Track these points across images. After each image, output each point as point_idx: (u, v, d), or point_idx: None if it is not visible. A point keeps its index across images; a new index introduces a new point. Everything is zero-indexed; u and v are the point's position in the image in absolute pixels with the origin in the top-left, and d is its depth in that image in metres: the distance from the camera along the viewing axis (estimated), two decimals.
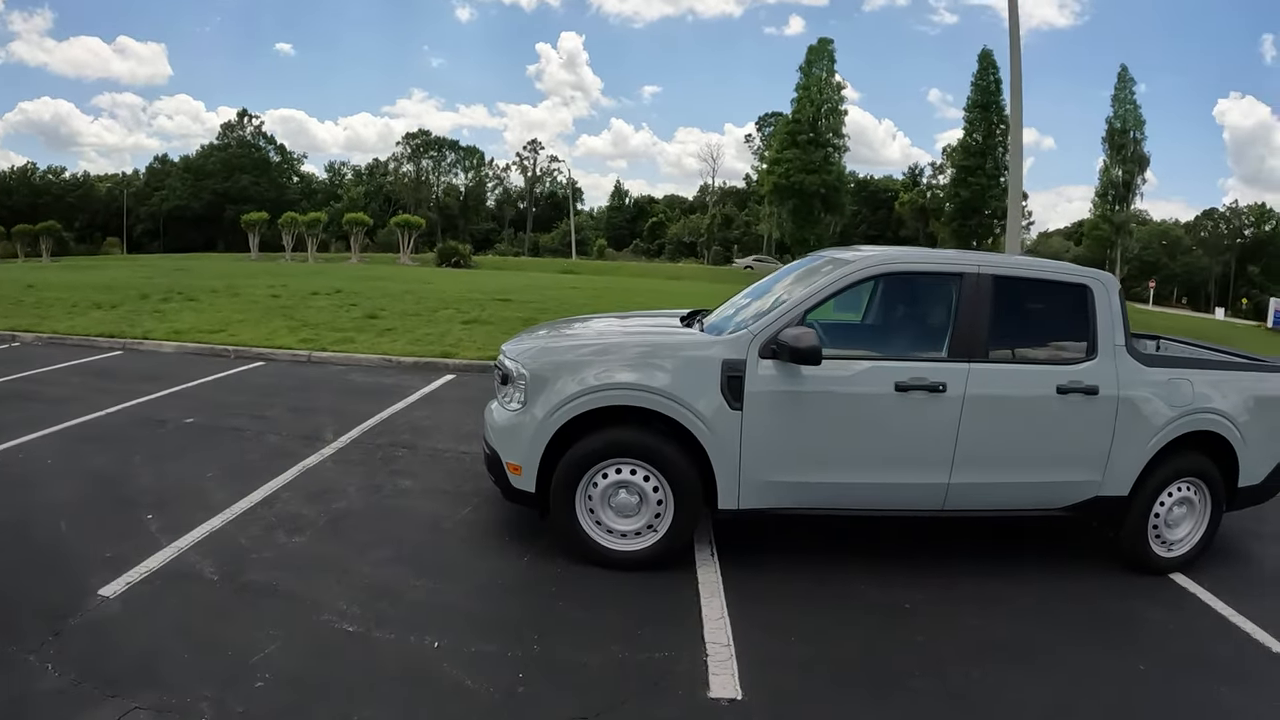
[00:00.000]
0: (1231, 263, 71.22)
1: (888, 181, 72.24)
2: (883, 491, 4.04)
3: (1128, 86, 45.50)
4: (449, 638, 3.09)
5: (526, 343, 4.32)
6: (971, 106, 44.90)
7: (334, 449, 5.54)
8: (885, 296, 4.66)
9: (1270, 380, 4.52)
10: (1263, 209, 74.52)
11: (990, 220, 44.51)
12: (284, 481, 4.78)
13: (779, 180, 42.71)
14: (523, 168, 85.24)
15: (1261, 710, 3.16)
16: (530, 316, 12.81)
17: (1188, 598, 4.12)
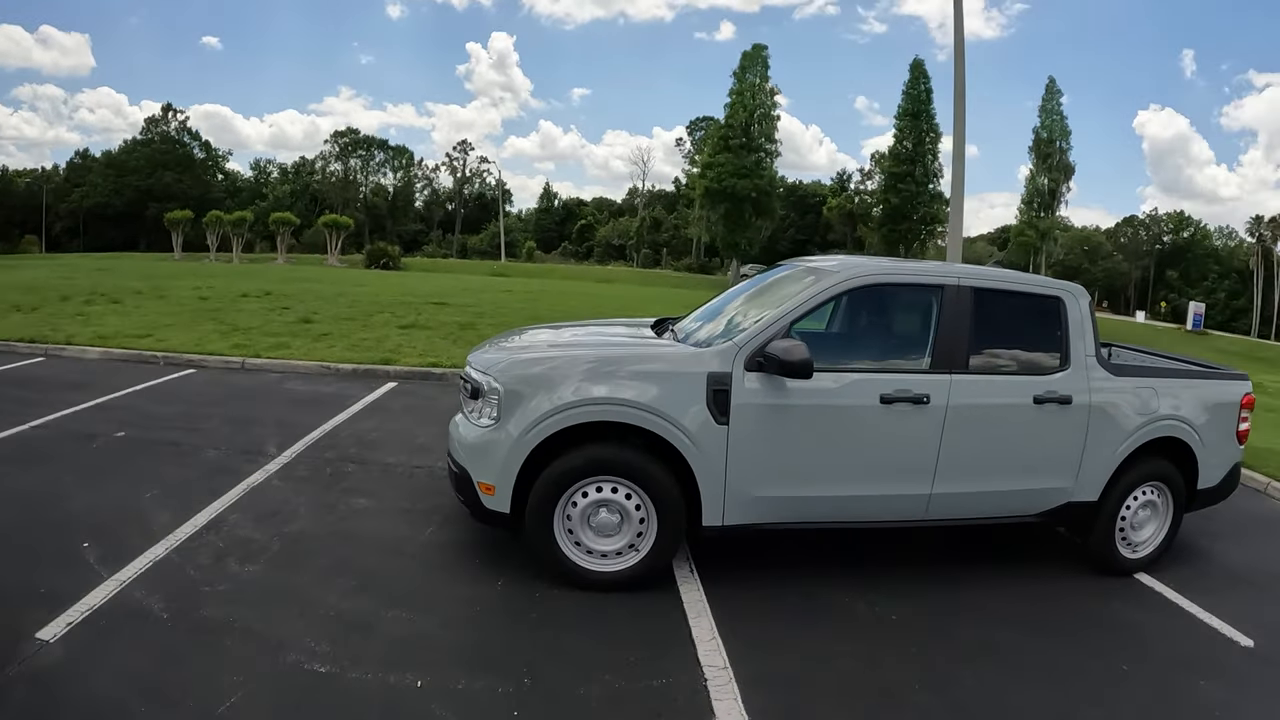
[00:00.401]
0: (1151, 267, 76.34)
1: (816, 186, 74.54)
2: (867, 503, 4.07)
3: (1055, 98, 47.77)
4: (432, 675, 2.91)
5: (496, 354, 4.14)
6: (902, 115, 46.06)
7: (279, 465, 5.22)
8: (866, 308, 4.66)
9: (1225, 387, 4.78)
10: (1181, 216, 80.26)
11: (919, 226, 45.88)
12: (229, 502, 4.47)
13: (711, 184, 43.03)
14: (452, 168, 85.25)
15: (1243, 703, 3.36)
16: (468, 321, 12.58)
17: (1157, 597, 4.33)
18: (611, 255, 76.15)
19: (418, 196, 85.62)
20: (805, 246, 67.96)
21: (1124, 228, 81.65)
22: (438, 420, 6.72)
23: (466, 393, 4.06)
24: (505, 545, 4.11)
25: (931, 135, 45.34)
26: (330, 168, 79.23)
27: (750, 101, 42.57)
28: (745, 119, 42.41)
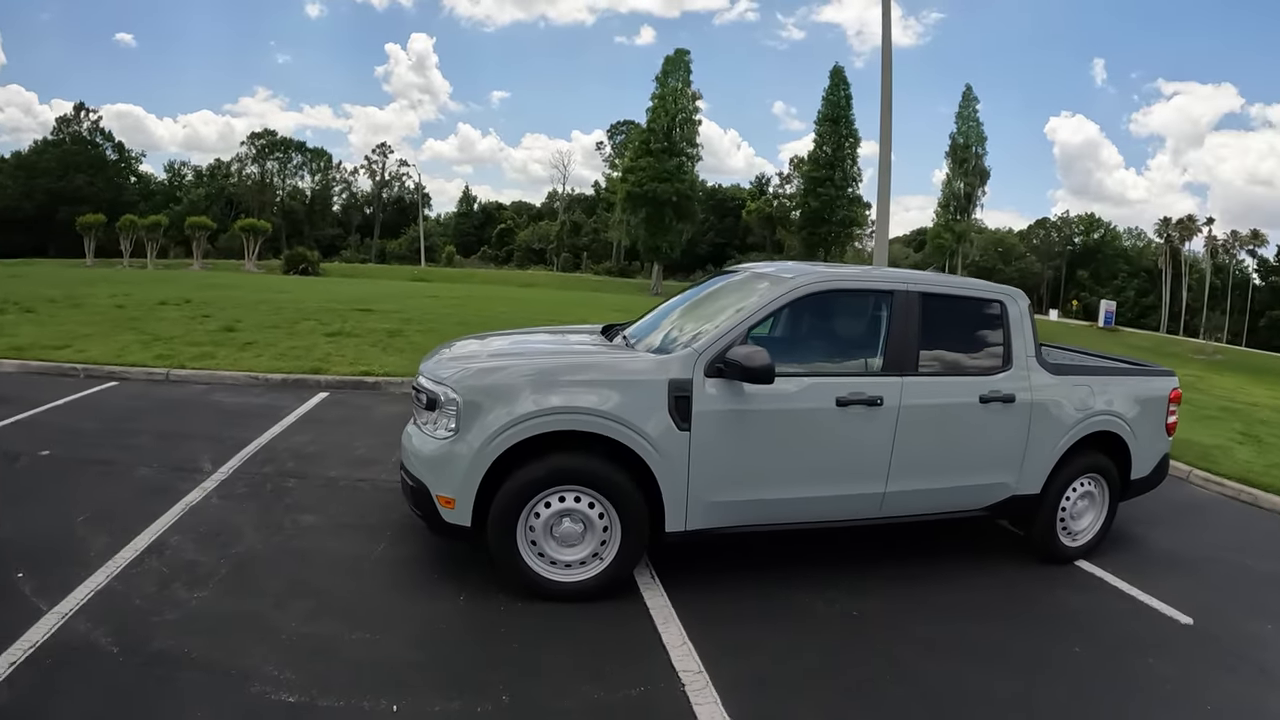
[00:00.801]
0: (1062, 267, 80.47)
1: (735, 190, 75.94)
2: (824, 504, 4.21)
3: (971, 105, 50.37)
4: (407, 698, 2.87)
5: (452, 364, 4.08)
6: (822, 120, 47.42)
7: (216, 482, 5.02)
8: (819, 313, 4.75)
9: (1153, 383, 5.14)
10: (1092, 218, 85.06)
11: (839, 229, 47.41)
12: (168, 523, 4.28)
13: (632, 188, 43.36)
14: (371, 171, 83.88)
15: (1189, 676, 3.68)
16: (395, 328, 12.37)
17: (1099, 582, 4.66)
18: (531, 259, 76.20)
19: (336, 200, 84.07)
20: (724, 250, 69.48)
21: (1036, 229, 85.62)
22: (375, 431, 6.61)
23: (420, 404, 4.00)
24: (462, 558, 4.08)
25: (851, 140, 46.91)
26: (247, 170, 76.97)
27: (672, 106, 43.06)
28: (667, 123, 42.89)
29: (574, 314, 17.27)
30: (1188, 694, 3.51)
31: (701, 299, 4.90)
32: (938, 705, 3.20)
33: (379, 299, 17.92)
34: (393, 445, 6.01)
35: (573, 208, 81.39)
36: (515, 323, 14.00)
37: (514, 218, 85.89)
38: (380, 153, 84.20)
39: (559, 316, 16.42)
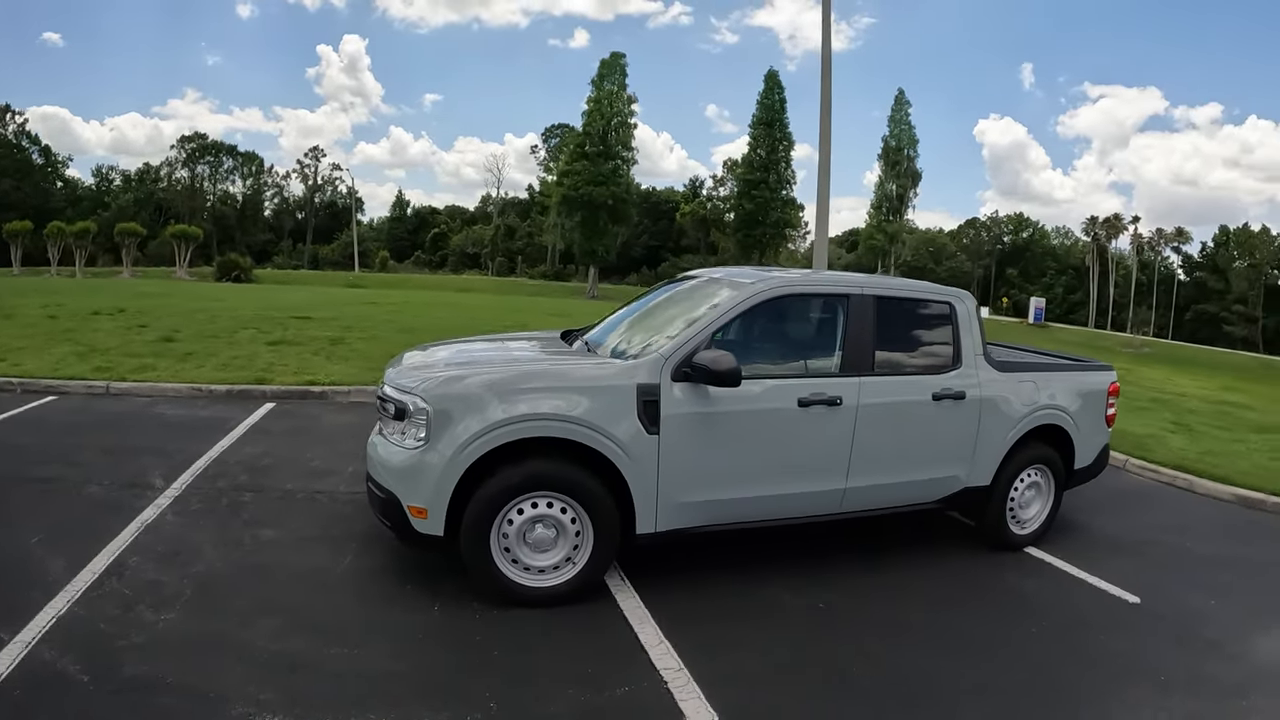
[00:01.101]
0: (992, 266, 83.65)
1: (669, 193, 76.54)
2: (789, 501, 4.37)
3: (903, 109, 52.08)
4: (394, 712, 2.89)
5: (420, 373, 4.08)
6: (756, 124, 48.08)
7: (170, 498, 4.89)
8: (780, 317, 4.84)
9: (1093, 377, 5.47)
10: (1021, 218, 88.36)
11: (773, 231, 48.20)
12: (125, 543, 4.15)
13: (568, 192, 43.36)
14: (304, 175, 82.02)
15: (1141, 650, 3.99)
16: (337, 336, 12.16)
17: (1048, 567, 4.96)
18: (466, 264, 75.62)
19: (267, 205, 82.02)
20: (659, 253, 70.41)
21: (966, 229, 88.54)
22: (327, 441, 6.52)
23: (388, 414, 3.99)
24: (430, 568, 4.09)
25: (785, 143, 47.67)
26: (176, 175, 74.80)
27: (608, 109, 43.17)
28: (603, 126, 42.97)
29: (514, 319, 17.19)
30: (1141, 668, 3.80)
31: (659, 305, 5.00)
32: (910, 691, 3.38)
33: (316, 306, 17.53)
34: (346, 456, 5.99)
35: (507, 211, 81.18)
36: (457, 328, 13.89)
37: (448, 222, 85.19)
38: (313, 156, 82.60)
39: (499, 322, 16.34)
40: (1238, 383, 20.14)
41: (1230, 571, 5.18)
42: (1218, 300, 72.17)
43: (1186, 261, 79.29)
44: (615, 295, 43.94)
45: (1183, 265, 79.59)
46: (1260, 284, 70.16)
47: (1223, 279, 72.85)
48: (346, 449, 6.21)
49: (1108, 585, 4.66)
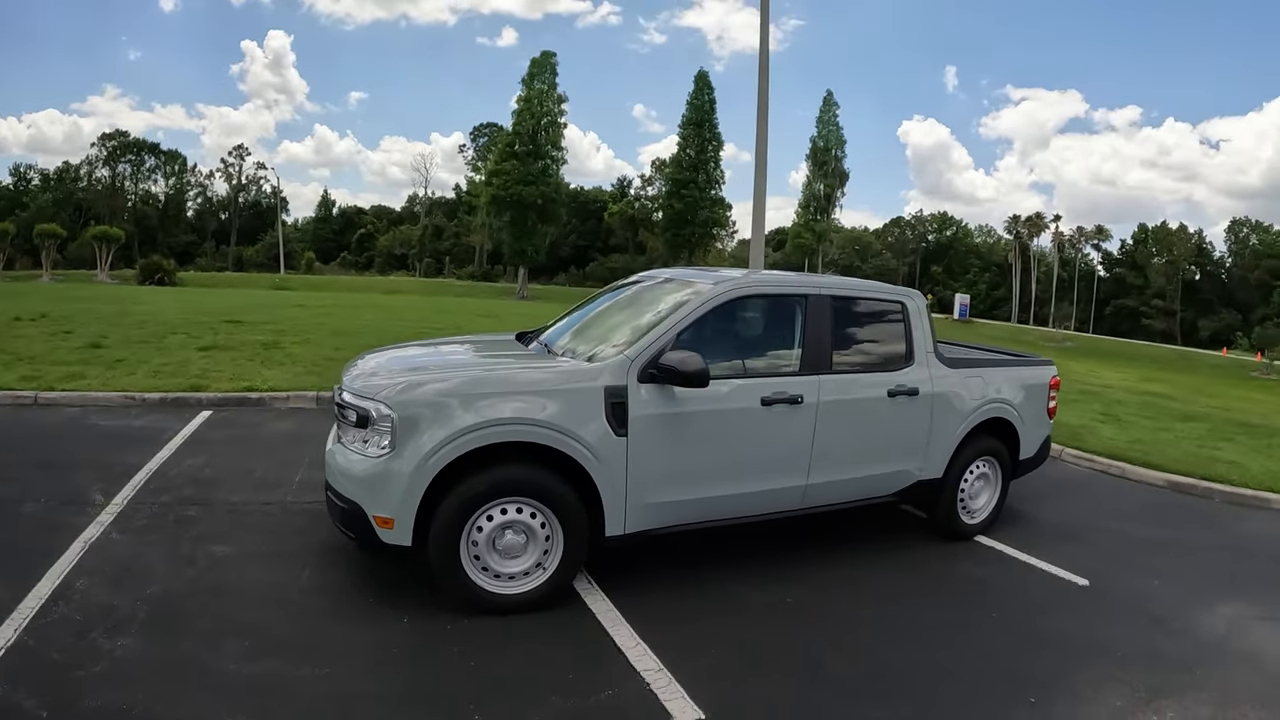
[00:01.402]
0: (917, 264, 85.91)
1: (597, 193, 76.72)
2: (753, 499, 4.46)
3: (831, 110, 53.57)
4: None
5: (382, 379, 4.00)
6: (686, 124, 48.49)
7: (112, 514, 4.65)
8: (741, 317, 4.88)
9: (1035, 371, 5.75)
10: (945, 216, 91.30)
11: (701, 230, 48.65)
12: (70, 564, 3.93)
13: (497, 191, 42.78)
14: (228, 175, 79.03)
15: (1093, 629, 4.26)
16: (270, 340, 11.77)
17: (999, 555, 5.22)
18: (393, 265, 74.43)
19: (190, 205, 78.88)
20: (587, 252, 70.47)
21: (891, 228, 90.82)
22: (269, 450, 6.32)
23: (348, 421, 3.90)
24: (393, 579, 4.04)
25: (714, 143, 48.16)
26: (97, 174, 71.12)
27: (538, 109, 42.85)
28: (532, 126, 42.64)
29: (445, 321, 16.96)
30: (1097, 646, 4.05)
31: (615, 306, 5.01)
32: (883, 680, 3.53)
33: (245, 310, 16.91)
34: (291, 465, 5.84)
35: (434, 211, 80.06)
36: (389, 331, 13.67)
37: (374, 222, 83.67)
38: (237, 155, 79.65)
39: (430, 324, 16.09)
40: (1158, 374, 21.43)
41: (1168, 554, 5.55)
42: (1137, 295, 74.97)
43: (1106, 258, 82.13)
44: (545, 296, 43.73)
45: (1103, 262, 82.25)
46: (1178, 279, 73.38)
47: (1141, 275, 75.83)
48: (290, 457, 6.05)
49: (1057, 570, 4.94)
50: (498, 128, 68.48)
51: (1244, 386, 24.05)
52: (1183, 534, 6.09)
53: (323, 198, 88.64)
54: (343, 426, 4.00)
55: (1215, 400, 15.41)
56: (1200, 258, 76.24)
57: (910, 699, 3.41)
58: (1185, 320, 72.25)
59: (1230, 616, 4.53)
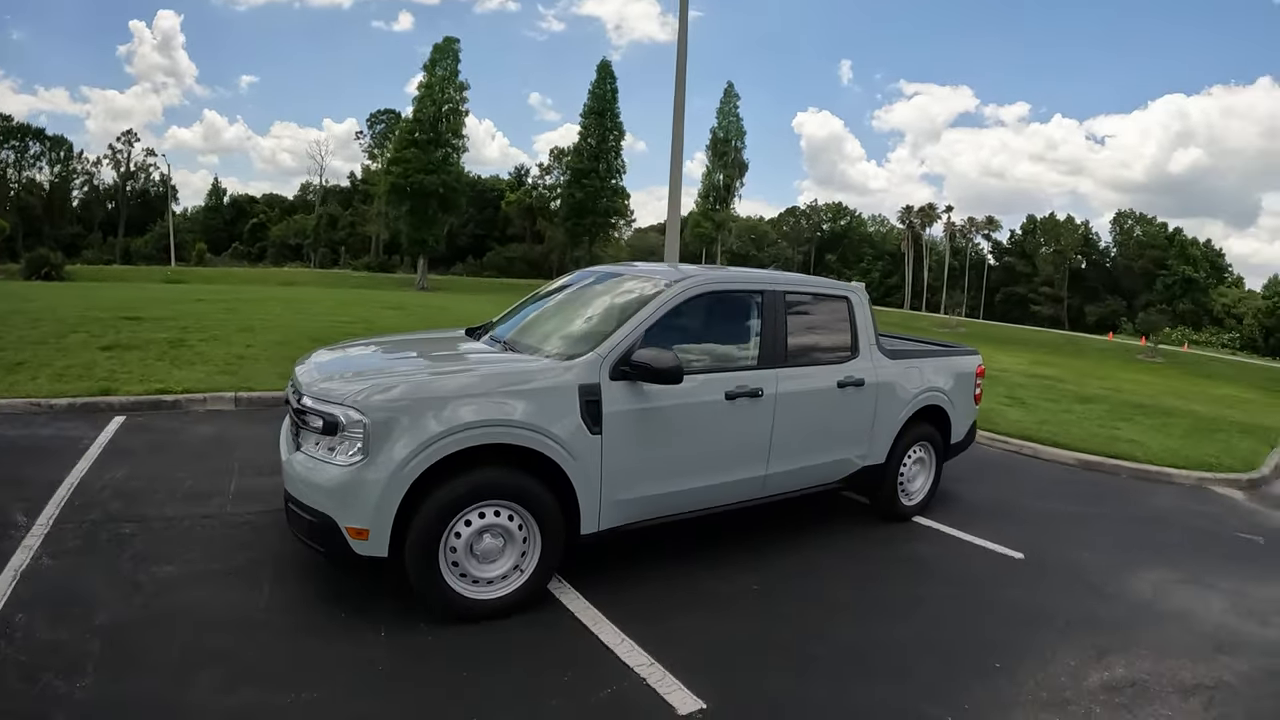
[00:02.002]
0: (811, 252, 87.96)
1: (494, 181, 74.84)
2: (718, 490, 4.52)
3: (732, 101, 54.19)
4: None
5: (350, 382, 3.75)
6: (588, 113, 48.27)
7: (39, 537, 4.19)
8: (701, 313, 4.82)
9: (964, 360, 6.03)
10: (839, 207, 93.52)
11: (601, 219, 48.68)
12: (4, 598, 3.51)
13: (397, 180, 41.48)
14: (116, 162, 72.59)
15: (1033, 597, 4.61)
16: (176, 338, 10.96)
17: (938, 533, 5.52)
18: (287, 256, 70.57)
19: (76, 194, 71.96)
20: (484, 242, 68.68)
21: (787, 217, 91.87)
22: (195, 458, 5.88)
23: (311, 427, 3.66)
24: (357, 591, 3.88)
25: (615, 133, 48.00)
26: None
27: (439, 95, 41.57)
28: (434, 113, 41.35)
29: (354, 314, 16.27)
30: (1044, 614, 4.37)
31: (571, 303, 4.93)
32: (863, 658, 3.70)
33: (143, 305, 15.66)
34: (220, 473, 5.47)
35: (329, 200, 76.34)
36: (298, 326, 13.04)
37: (266, 211, 78.95)
38: (126, 141, 73.11)
39: (338, 316, 15.42)
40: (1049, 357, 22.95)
41: (1090, 527, 5.99)
42: (1025, 283, 77.22)
43: (996, 247, 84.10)
44: (445, 286, 42.57)
45: (993, 251, 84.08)
46: (1065, 268, 75.88)
47: (1030, 263, 78.35)
48: (219, 465, 5.66)
49: (993, 545, 5.26)
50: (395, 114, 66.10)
51: (1131, 369, 26.20)
52: (1100, 509, 6.58)
53: (214, 186, 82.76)
54: (304, 433, 3.75)
55: (1106, 382, 16.65)
56: (1087, 247, 78.75)
57: (891, 675, 3.57)
58: (1072, 306, 74.27)
59: (1155, 582, 4.96)
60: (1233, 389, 23.44)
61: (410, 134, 41.65)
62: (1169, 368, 29.69)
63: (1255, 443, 10.11)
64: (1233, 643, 4.24)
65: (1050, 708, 3.42)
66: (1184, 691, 3.67)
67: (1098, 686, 3.64)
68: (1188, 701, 3.58)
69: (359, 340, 5.29)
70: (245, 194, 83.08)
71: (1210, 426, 11.12)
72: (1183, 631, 4.33)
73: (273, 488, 5.15)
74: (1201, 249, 75.29)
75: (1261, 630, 4.45)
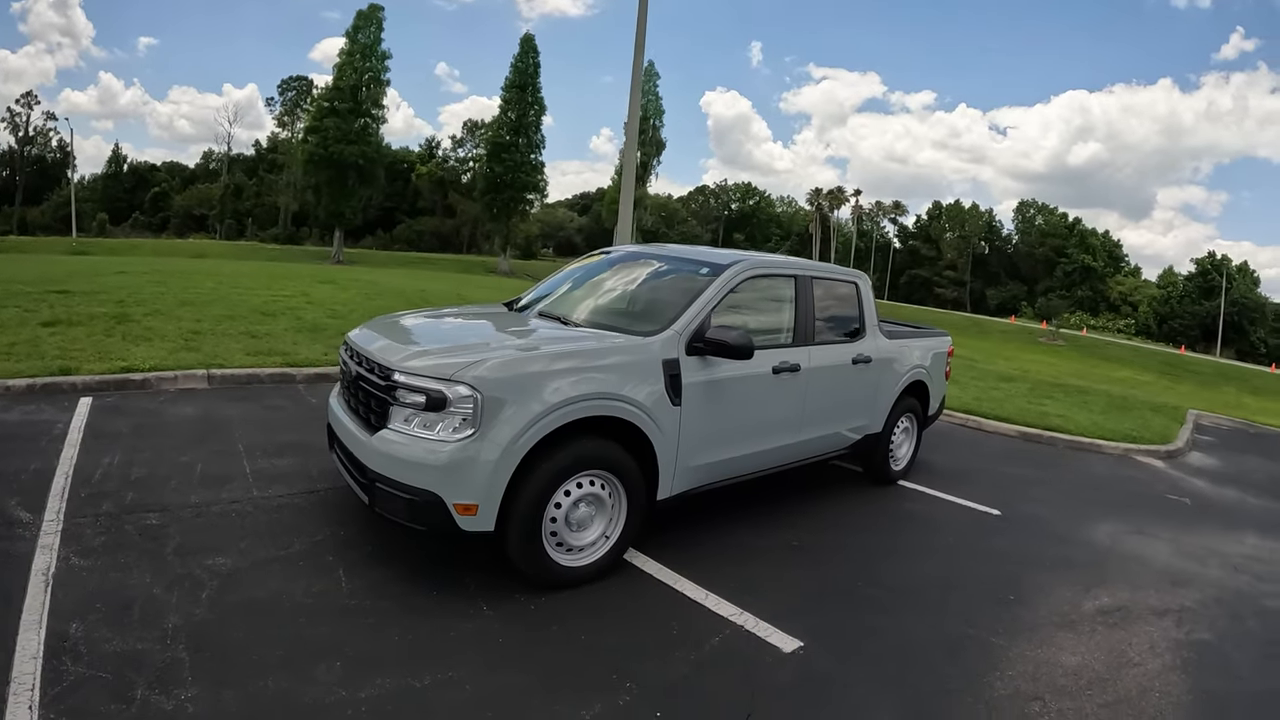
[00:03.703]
0: (720, 231, 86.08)
1: (404, 153, 69.88)
2: (763, 456, 4.59)
3: (652, 80, 50.90)
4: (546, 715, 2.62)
5: (455, 357, 3.43)
6: (509, 87, 45.41)
7: (54, 535, 3.55)
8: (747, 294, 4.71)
9: (939, 341, 6.30)
10: (748, 187, 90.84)
11: (519, 194, 46.11)
12: (44, 607, 2.94)
13: (315, 150, 38.33)
14: (14, 126, 63.17)
15: (1015, 545, 5.00)
16: (117, 312, 9.60)
17: (922, 494, 5.84)
18: (191, 226, 64.61)
19: None
20: (394, 214, 64.07)
21: (696, 196, 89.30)
22: (192, 440, 5.18)
23: (409, 404, 3.34)
24: (432, 567, 3.66)
25: (536, 107, 45.38)
26: None
27: (360, 64, 38.63)
28: (354, 81, 38.40)
29: (291, 287, 14.89)
30: (1030, 558, 4.79)
31: (619, 281, 4.85)
32: (901, 594, 4.03)
33: (64, 278, 13.64)
34: (228, 455, 4.92)
35: (233, 170, 69.78)
36: (236, 300, 11.92)
37: (168, 180, 71.47)
38: (25, 104, 63.79)
39: (275, 290, 14.05)
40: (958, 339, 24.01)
41: (1045, 488, 6.44)
42: (930, 266, 76.76)
43: (902, 231, 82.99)
44: (362, 260, 40.23)
45: (898, 234, 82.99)
46: (968, 252, 76.07)
47: (935, 247, 78.03)
48: (220, 448, 5.05)
49: (973, 504, 5.60)
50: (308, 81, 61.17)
51: (1034, 351, 28.14)
52: (1048, 473, 7.05)
53: (114, 153, 73.67)
54: (394, 409, 3.39)
55: (1014, 363, 17.79)
56: (990, 234, 78.28)
57: (932, 608, 3.90)
58: (974, 290, 74.35)
59: (1111, 532, 5.38)
60: (1130, 371, 25.87)
61: (329, 102, 38.45)
62: (1070, 350, 31.89)
63: (1166, 420, 11.25)
64: (1183, 578, 4.81)
65: (1064, 628, 3.82)
66: (1158, 614, 4.16)
67: (1093, 611, 4.07)
68: (1163, 620, 4.09)
69: (410, 313, 4.85)
70: (145, 162, 74.99)
71: (1124, 405, 12.20)
72: (1142, 570, 4.85)
73: (293, 468, 4.77)
74: (1100, 239, 75.04)
75: (1202, 569, 5.05)
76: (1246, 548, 5.68)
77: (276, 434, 5.49)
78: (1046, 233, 75.78)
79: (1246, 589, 4.78)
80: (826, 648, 3.30)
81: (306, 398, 6.72)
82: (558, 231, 77.02)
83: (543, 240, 70.11)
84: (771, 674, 3.06)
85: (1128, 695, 3.26)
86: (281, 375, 7.39)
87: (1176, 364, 32.99)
